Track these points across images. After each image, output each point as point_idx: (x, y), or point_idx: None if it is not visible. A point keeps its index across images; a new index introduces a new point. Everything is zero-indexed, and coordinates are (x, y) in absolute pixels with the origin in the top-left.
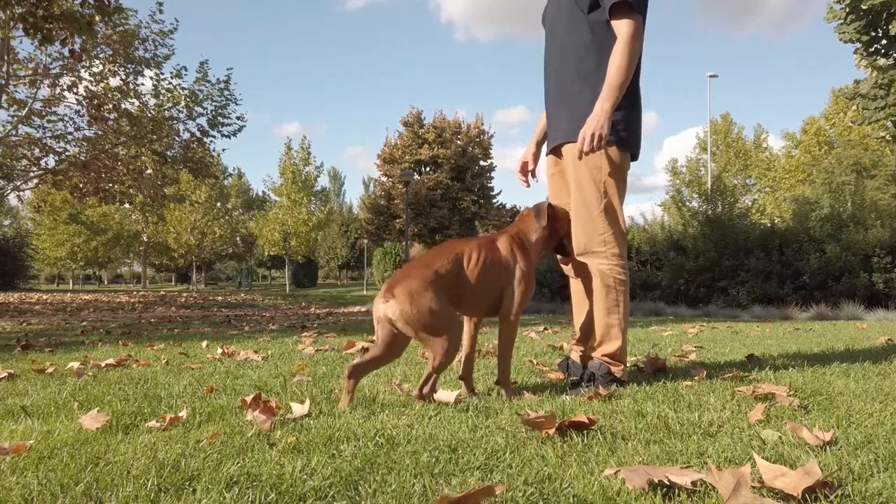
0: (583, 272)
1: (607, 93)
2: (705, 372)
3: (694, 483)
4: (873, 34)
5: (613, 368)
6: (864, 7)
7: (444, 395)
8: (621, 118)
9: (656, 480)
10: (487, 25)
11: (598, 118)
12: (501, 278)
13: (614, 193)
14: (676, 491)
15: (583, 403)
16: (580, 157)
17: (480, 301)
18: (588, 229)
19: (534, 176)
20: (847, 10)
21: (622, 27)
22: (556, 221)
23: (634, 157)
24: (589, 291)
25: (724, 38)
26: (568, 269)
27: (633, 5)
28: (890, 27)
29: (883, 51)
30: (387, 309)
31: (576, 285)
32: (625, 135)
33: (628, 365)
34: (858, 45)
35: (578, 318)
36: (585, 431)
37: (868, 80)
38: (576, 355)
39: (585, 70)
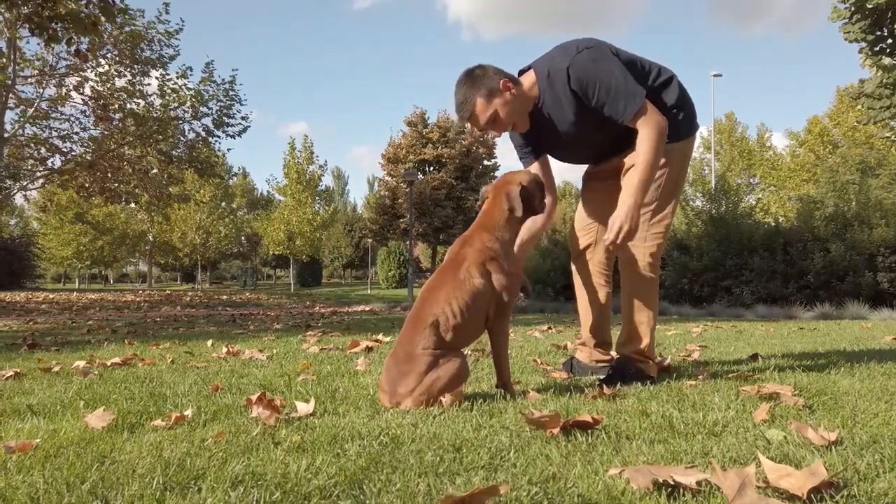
0: (589, 272)
1: (635, 188)
2: (709, 371)
3: (699, 483)
4: (878, 33)
5: (642, 365)
6: (870, 6)
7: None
8: None
9: (661, 480)
10: (494, 25)
11: (629, 214)
12: (483, 303)
13: (666, 192)
14: (681, 491)
15: (587, 403)
16: (610, 246)
17: (473, 334)
18: None
19: None
20: (852, 9)
21: (643, 129)
22: (532, 201)
23: (691, 133)
24: (594, 292)
25: (727, 38)
26: (592, 262)
27: (643, 107)
28: (895, 26)
29: (888, 50)
30: (402, 408)
31: (581, 288)
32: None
33: None
34: (863, 44)
35: (586, 321)
36: (590, 431)
37: (873, 79)
38: (580, 354)
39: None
